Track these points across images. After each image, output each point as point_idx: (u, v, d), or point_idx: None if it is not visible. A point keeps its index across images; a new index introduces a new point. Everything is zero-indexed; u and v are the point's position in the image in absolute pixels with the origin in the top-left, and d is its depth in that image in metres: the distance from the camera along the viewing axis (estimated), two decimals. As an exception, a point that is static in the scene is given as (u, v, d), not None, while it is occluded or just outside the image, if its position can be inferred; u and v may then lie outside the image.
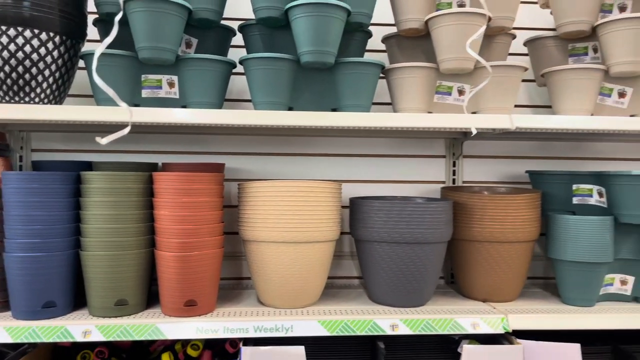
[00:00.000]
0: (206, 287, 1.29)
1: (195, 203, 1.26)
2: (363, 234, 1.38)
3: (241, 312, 1.33)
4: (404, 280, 1.36)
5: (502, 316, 1.31)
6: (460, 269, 1.50)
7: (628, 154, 1.77)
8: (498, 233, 1.40)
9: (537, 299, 1.50)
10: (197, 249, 1.25)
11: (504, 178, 1.75)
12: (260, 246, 1.33)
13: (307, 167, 1.69)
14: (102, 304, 1.25)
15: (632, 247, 1.44)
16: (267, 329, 1.26)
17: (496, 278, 1.44)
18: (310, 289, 1.37)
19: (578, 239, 1.38)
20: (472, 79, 1.41)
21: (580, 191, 1.51)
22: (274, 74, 1.31)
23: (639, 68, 1.36)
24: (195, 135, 1.66)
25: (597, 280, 1.41)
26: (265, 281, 1.35)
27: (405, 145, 1.72)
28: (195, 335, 1.23)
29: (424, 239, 1.34)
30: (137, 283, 1.28)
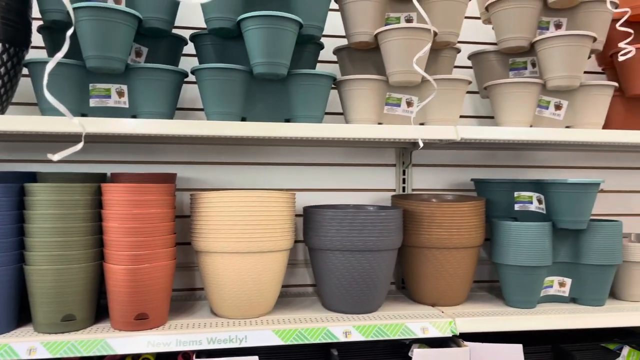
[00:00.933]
0: (158, 299, 1.27)
1: (146, 214, 1.24)
2: (316, 243, 1.40)
3: (194, 324, 1.32)
4: (356, 287, 1.39)
5: (450, 320, 1.36)
6: (410, 275, 1.55)
7: (565, 163, 1.88)
8: (445, 239, 1.45)
9: (482, 302, 1.56)
10: (148, 262, 1.24)
11: (451, 186, 1.82)
12: (213, 257, 1.33)
13: (260, 176, 1.70)
14: (48, 320, 1.20)
15: (569, 250, 1.53)
16: (220, 340, 1.25)
17: (444, 283, 1.49)
18: (264, 299, 1.37)
19: (519, 244, 1.46)
20: (420, 92, 1.46)
21: (521, 198, 1.59)
22: (227, 85, 1.31)
23: (573, 82, 1.45)
24: (145, 145, 1.63)
25: (537, 283, 1.49)
26: (218, 292, 1.35)
27: (357, 155, 1.76)
28: (146, 349, 1.21)
29: (375, 246, 1.37)
30: (85, 297, 1.25)
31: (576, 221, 1.46)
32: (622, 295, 1.59)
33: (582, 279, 1.52)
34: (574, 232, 1.52)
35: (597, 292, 1.52)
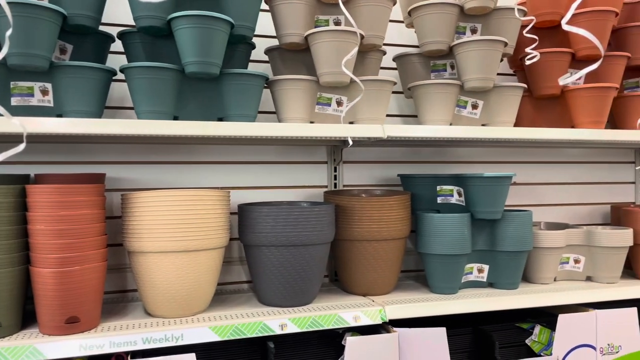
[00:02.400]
0: (89, 302, 1.24)
1: (74, 216, 1.21)
2: (252, 239, 1.43)
3: (128, 325, 1.30)
4: (291, 281, 1.43)
5: (380, 308, 1.44)
6: (342, 267, 1.61)
7: (482, 158, 2.02)
8: (375, 232, 1.53)
9: (410, 290, 1.66)
10: (78, 264, 1.21)
11: (379, 181, 1.91)
12: (147, 257, 1.32)
13: (193, 175, 1.69)
14: (-30, 329, 1.15)
15: (486, 239, 1.66)
16: (156, 339, 1.25)
17: (374, 273, 1.57)
18: (200, 297, 1.38)
19: (441, 235, 1.56)
20: (349, 92, 1.53)
21: (443, 192, 1.70)
22: (157, 83, 1.31)
23: (487, 84, 1.57)
24: (71, 145, 1.58)
25: (458, 270, 1.61)
26: (152, 292, 1.34)
27: (289, 153, 1.80)
28: (78, 352, 1.19)
29: (309, 241, 1.42)
30: (11, 303, 1.20)
31: (492, 212, 1.59)
32: (534, 278, 1.75)
33: (498, 265, 1.65)
34: (490, 222, 1.64)
35: (511, 276, 1.65)
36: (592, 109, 1.69)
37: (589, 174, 2.16)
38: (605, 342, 1.60)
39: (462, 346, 1.63)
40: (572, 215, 2.13)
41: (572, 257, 1.76)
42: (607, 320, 1.60)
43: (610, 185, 2.19)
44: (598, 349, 1.60)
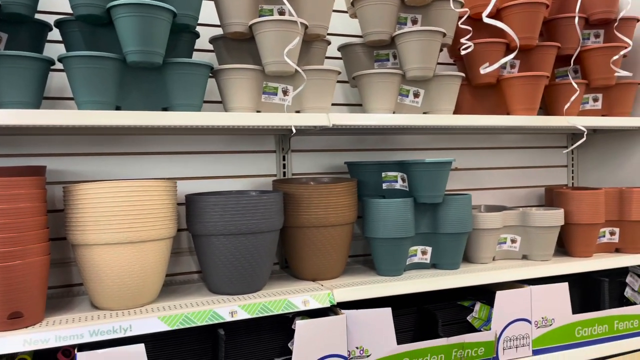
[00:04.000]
0: (32, 297, 1.22)
1: (15, 210, 1.18)
2: (200, 229, 1.43)
3: (74, 318, 1.29)
4: (240, 269, 1.45)
5: (328, 291, 1.48)
6: (291, 254, 1.64)
7: (425, 145, 2.10)
8: (322, 218, 1.57)
9: (357, 274, 1.71)
10: (20, 258, 1.18)
11: (328, 169, 1.95)
12: (92, 249, 1.30)
13: (138, 167, 1.68)
14: None
15: (429, 222, 1.73)
16: (103, 331, 1.24)
17: (323, 258, 1.61)
18: (149, 288, 1.38)
19: (387, 219, 1.62)
20: (295, 81, 1.55)
21: (388, 178, 1.76)
22: (98, 73, 1.29)
23: (427, 73, 1.63)
24: (10, 137, 1.53)
25: (403, 252, 1.67)
26: (99, 285, 1.33)
27: (237, 142, 1.81)
28: (22, 348, 1.17)
29: (258, 229, 1.44)
30: (-53, 301, 1.16)
31: (433, 195, 1.66)
32: (474, 258, 1.84)
33: (440, 246, 1.73)
34: (432, 205, 1.71)
35: (453, 257, 1.74)
36: (525, 97, 1.79)
37: (525, 158, 2.28)
38: (540, 316, 1.71)
39: (407, 325, 1.70)
40: (510, 198, 2.24)
41: (509, 237, 1.87)
42: (540, 295, 1.71)
43: (544, 169, 2.32)
44: (533, 322, 1.70)
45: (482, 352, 1.62)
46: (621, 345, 1.82)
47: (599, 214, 1.86)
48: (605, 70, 1.91)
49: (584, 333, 1.77)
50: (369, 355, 1.50)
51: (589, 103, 2.02)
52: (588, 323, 1.78)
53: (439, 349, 1.57)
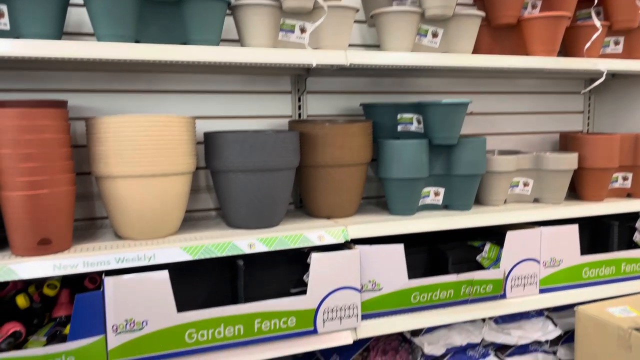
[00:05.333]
0: (60, 225, 1.27)
1: (41, 140, 1.22)
2: (219, 166, 1.47)
3: (100, 246, 1.35)
4: (258, 204, 1.49)
5: (342, 228, 1.52)
6: (307, 192, 1.68)
7: (441, 88, 2.09)
8: (338, 157, 1.59)
9: (371, 213, 1.75)
10: (47, 187, 1.23)
11: (343, 112, 1.95)
12: (115, 182, 1.34)
13: (155, 104, 1.69)
14: (-58, 251, 1.17)
15: (442, 164, 1.74)
16: (128, 259, 1.30)
17: (337, 197, 1.64)
18: (170, 220, 1.43)
19: (401, 160, 1.64)
20: (312, 18, 1.54)
21: (403, 120, 1.77)
22: (118, 5, 1.29)
23: (447, 11, 1.61)
24: (30, 72, 1.55)
25: (416, 193, 1.70)
26: (122, 215, 1.38)
27: (254, 82, 1.81)
28: (52, 272, 1.23)
29: (275, 166, 1.47)
30: (-20, 227, 1.22)
31: (448, 137, 1.67)
32: (485, 201, 1.87)
33: (453, 188, 1.76)
34: (446, 147, 1.73)
35: (465, 198, 1.76)
36: (546, 38, 1.76)
37: (541, 103, 2.26)
38: (549, 256, 1.75)
39: (418, 263, 1.75)
40: (524, 143, 2.24)
41: (522, 180, 1.88)
42: (550, 236, 1.74)
43: (560, 115, 2.30)
44: (541, 262, 1.75)
45: (491, 289, 1.68)
46: (627, 287, 1.87)
47: (613, 158, 1.87)
48: (629, 11, 1.87)
49: (591, 274, 1.82)
50: (380, 288, 1.56)
51: (609, 47, 1.99)
52: (596, 264, 1.82)
53: (449, 285, 1.63)
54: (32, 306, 1.37)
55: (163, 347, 1.31)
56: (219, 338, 1.37)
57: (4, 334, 1.25)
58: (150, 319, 1.29)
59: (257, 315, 1.40)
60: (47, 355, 1.20)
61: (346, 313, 1.50)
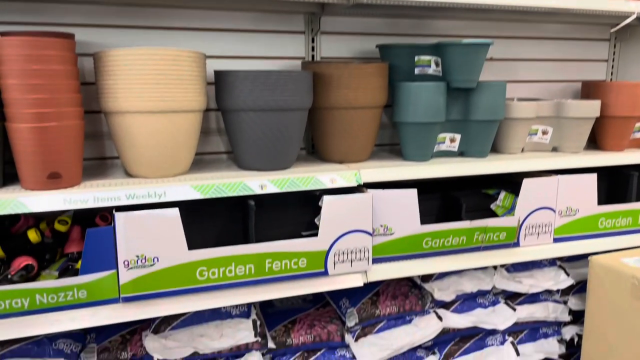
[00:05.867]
0: (69, 159, 1.26)
1: (48, 71, 1.18)
2: (230, 104, 1.43)
3: (110, 183, 1.33)
4: (270, 145, 1.46)
5: (355, 171, 1.49)
6: (319, 136, 1.64)
7: (460, 32, 2.00)
8: (352, 99, 1.54)
9: (384, 159, 1.71)
10: (54, 120, 1.20)
11: (358, 54, 1.88)
12: (124, 117, 1.32)
13: (165, 41, 1.64)
14: (-49, 181, 1.16)
15: (460, 108, 1.69)
16: (139, 196, 1.28)
17: (350, 141, 1.61)
18: (180, 158, 1.41)
19: (417, 103, 1.59)
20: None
21: (421, 62, 1.70)
22: None
23: (471, -54, 1.52)
24: (34, 4, 1.50)
25: (432, 138, 1.66)
26: (133, 152, 1.36)
27: (265, 20, 1.74)
28: (63, 206, 1.22)
29: (287, 105, 1.43)
30: (-11, 159, 1.21)
31: (467, 80, 1.61)
32: (502, 148, 1.82)
33: (470, 134, 1.71)
34: (465, 91, 1.67)
35: (482, 144, 1.72)
36: (574, -24, 1.67)
37: (564, 50, 2.17)
38: (565, 206, 1.72)
39: (431, 210, 1.73)
40: (545, 91, 2.17)
41: (541, 128, 1.83)
42: (567, 185, 1.70)
43: (583, 63, 2.22)
44: (557, 211, 1.71)
45: (504, 236, 1.66)
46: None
47: (636, 106, 1.80)
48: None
49: (607, 224, 1.78)
50: (392, 233, 1.54)
51: (641, -11, 1.88)
52: (612, 215, 1.79)
53: (461, 231, 1.61)
54: (44, 241, 1.38)
55: (174, 284, 1.31)
56: (230, 276, 1.37)
57: (16, 267, 1.26)
58: (161, 256, 1.29)
59: (268, 256, 1.40)
60: (59, 288, 1.21)
61: (357, 256, 1.49)
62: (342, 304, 1.71)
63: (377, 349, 1.62)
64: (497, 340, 1.79)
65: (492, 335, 1.80)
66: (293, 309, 1.73)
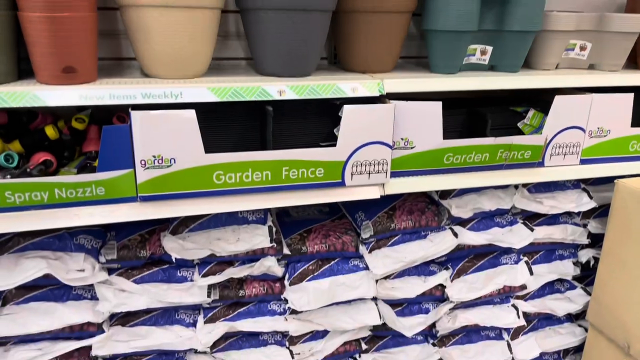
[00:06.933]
0: (84, 53, 1.22)
1: (57, -44, 1.12)
2: (249, 2, 1.35)
3: (126, 82, 1.30)
4: (290, 49, 1.39)
5: (378, 81, 1.43)
6: (342, 43, 1.57)
7: None
8: (378, 2, 1.44)
9: (409, 71, 1.63)
10: (67, 10, 1.15)
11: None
12: (140, 11, 1.26)
13: None
14: (-34, 71, 1.14)
15: (494, 18, 1.58)
16: (155, 95, 1.25)
17: (375, 49, 1.53)
18: (197, 59, 1.36)
19: (449, 9, 1.48)
20: None
21: (456, -36, 1.57)
22: None
23: None
24: None
25: (461, 48, 1.56)
26: (148, 50, 1.31)
27: None
28: (78, 101, 1.20)
29: (310, 5, 1.34)
30: (3, 49, 1.17)
31: (505, -15, 1.49)
32: (535, 64, 1.72)
33: (503, 46, 1.61)
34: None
35: (514, 58, 1.62)
36: None
37: (614, -41, 1.99)
38: (596, 126, 1.64)
39: (454, 125, 1.67)
40: (586, 5, 2.01)
41: (579, 43, 1.71)
42: (602, 104, 1.61)
43: (633, -26, 2.04)
44: (587, 131, 1.64)
45: (529, 155, 1.60)
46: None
47: (686, 23, 1.66)
48: None
49: (638, 148, 1.71)
50: (413, 147, 1.50)
51: None
52: (646, 138, 1.71)
53: (485, 148, 1.55)
54: (62, 139, 1.37)
55: (191, 186, 1.31)
56: (246, 182, 1.36)
57: (35, 161, 1.26)
58: (178, 157, 1.28)
59: (286, 163, 1.38)
60: (77, 183, 1.21)
61: (375, 168, 1.46)
62: (358, 217, 1.71)
63: (391, 261, 1.64)
64: (512, 259, 1.79)
65: (507, 254, 1.80)
66: (309, 219, 1.74)
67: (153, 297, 1.46)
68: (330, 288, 1.59)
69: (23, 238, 1.37)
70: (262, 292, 1.58)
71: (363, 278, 1.63)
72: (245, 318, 1.58)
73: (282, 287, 1.60)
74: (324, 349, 1.68)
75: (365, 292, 1.62)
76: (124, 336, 1.48)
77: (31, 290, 1.41)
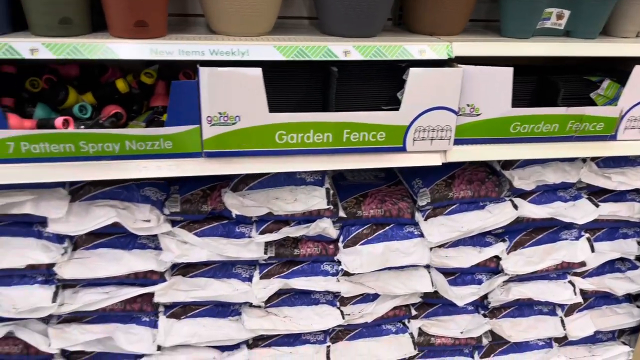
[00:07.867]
0: (155, 8, 1.23)
1: None
2: (317, -41, 1.32)
3: (194, 38, 1.31)
4: (356, 8, 1.36)
5: (447, 44, 1.38)
6: (409, 3, 1.51)
7: None
8: (452, -40, 1.38)
9: (479, 34, 1.57)
10: (140, -36, 1.16)
11: None
12: (209, -34, 1.25)
13: None
14: (45, 22, 1.18)
15: (575, -21, 1.49)
16: (222, 52, 1.26)
17: (443, 9, 1.47)
18: (263, 16, 1.35)
19: (527, -32, 1.40)
20: None
21: None
22: None
23: None
24: None
25: (536, 12, 1.48)
26: (217, 6, 1.31)
27: None
28: (149, 55, 1.22)
29: (379, -37, 1.30)
30: (78, 3, 1.20)
31: (591, -57, 1.39)
32: (615, 31, 1.61)
33: (581, 10, 1.51)
34: (584, -41, 1.45)
35: (592, 24, 1.53)
36: None
37: None
38: (677, 100, 1.54)
39: (524, 93, 1.60)
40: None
41: (666, 9, 1.59)
42: (686, 76, 1.50)
43: None
44: (667, 105, 1.54)
45: (601, 127, 1.52)
46: None
47: None
48: None
49: None
50: (479, 114, 1.45)
51: None
52: None
53: (555, 118, 1.49)
54: (132, 92, 1.41)
55: (254, 144, 1.32)
56: (307, 143, 1.36)
57: (106, 113, 1.30)
58: (242, 115, 1.29)
59: (347, 126, 1.37)
60: (146, 136, 1.25)
61: (438, 134, 1.43)
62: (415, 184, 1.69)
63: (447, 229, 1.62)
64: (573, 235, 1.73)
65: (568, 230, 1.74)
66: (365, 184, 1.73)
67: (213, 251, 1.51)
68: (383, 253, 1.60)
69: (94, 187, 1.43)
70: (316, 253, 1.60)
71: (417, 245, 1.62)
72: (299, 276, 1.61)
73: (335, 249, 1.61)
74: (374, 311, 1.70)
75: (419, 259, 1.62)
76: (184, 286, 1.54)
77: (100, 237, 1.49)
